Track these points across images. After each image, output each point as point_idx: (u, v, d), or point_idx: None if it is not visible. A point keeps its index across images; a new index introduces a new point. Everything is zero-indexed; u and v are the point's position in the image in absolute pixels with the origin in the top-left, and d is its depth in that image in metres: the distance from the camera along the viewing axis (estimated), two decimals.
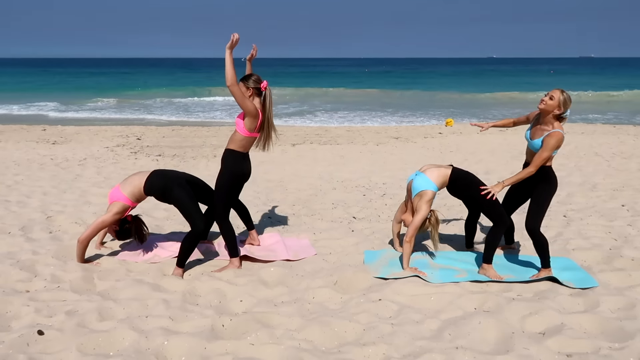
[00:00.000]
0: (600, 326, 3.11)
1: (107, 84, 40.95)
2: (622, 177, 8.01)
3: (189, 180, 4.28)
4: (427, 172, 4.04)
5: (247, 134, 4.07)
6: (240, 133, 4.08)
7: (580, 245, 4.66)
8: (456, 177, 4.05)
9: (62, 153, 10.53)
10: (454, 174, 4.06)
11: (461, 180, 4.06)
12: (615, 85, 34.92)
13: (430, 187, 3.97)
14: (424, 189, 3.97)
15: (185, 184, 4.16)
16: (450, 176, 4.05)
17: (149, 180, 4.14)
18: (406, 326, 3.11)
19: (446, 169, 4.09)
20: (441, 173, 4.04)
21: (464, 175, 4.08)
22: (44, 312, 3.26)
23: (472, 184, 4.05)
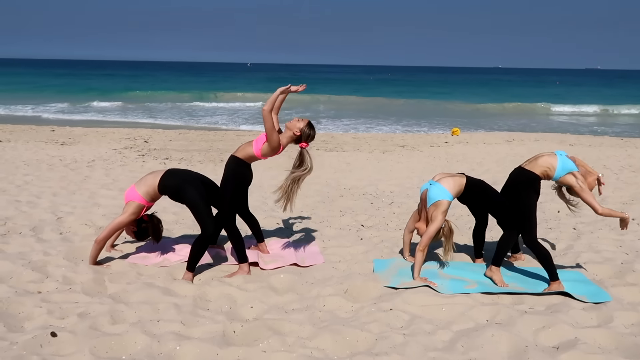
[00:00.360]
0: (614, 341, 3.09)
1: (112, 87, 41.13)
2: (631, 190, 7.98)
3: (203, 182, 4.27)
4: (442, 182, 4.04)
5: (259, 155, 4.08)
6: (254, 150, 4.07)
7: (592, 259, 4.63)
8: (471, 186, 4.05)
9: (71, 154, 10.58)
10: (469, 183, 4.06)
11: (476, 189, 4.06)
12: (621, 97, 34.91)
13: (446, 196, 3.96)
14: (440, 198, 3.96)
15: (199, 185, 4.16)
16: (466, 185, 4.04)
17: (163, 180, 4.14)
18: (418, 337, 3.10)
19: (460, 177, 4.09)
20: (456, 182, 4.03)
21: (478, 184, 4.08)
22: (57, 314, 3.26)
23: (487, 192, 4.05)
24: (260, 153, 4.05)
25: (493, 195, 4.06)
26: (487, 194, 4.05)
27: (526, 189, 3.98)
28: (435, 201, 3.97)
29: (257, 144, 4.07)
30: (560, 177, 3.95)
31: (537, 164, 4.01)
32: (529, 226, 3.95)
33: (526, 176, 3.98)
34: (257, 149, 4.05)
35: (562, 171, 3.92)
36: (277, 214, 6.17)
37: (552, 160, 3.95)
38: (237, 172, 4.13)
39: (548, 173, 3.96)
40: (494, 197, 4.05)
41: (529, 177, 3.97)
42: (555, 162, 3.94)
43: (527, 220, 3.95)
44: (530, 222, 3.94)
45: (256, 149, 4.06)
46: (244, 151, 4.13)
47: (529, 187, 3.97)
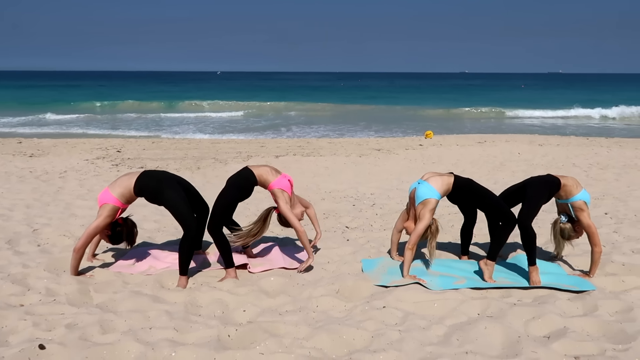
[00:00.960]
0: (601, 329, 3.19)
1: (74, 98, 40.06)
2: (600, 186, 8.26)
3: (180, 182, 4.22)
4: (430, 181, 4.09)
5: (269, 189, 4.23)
6: (271, 183, 4.20)
7: (571, 252, 4.77)
8: (460, 185, 4.12)
9: (41, 166, 10.27)
10: (457, 182, 4.12)
11: (465, 187, 4.13)
12: (584, 101, 36.13)
13: (433, 195, 4.02)
14: (427, 197, 4.01)
15: (177, 186, 4.11)
16: (454, 184, 4.11)
17: (139, 181, 4.05)
18: (413, 332, 3.13)
19: (448, 177, 4.15)
20: (444, 181, 4.10)
21: (466, 182, 4.15)
22: (43, 326, 3.15)
23: (476, 189, 4.12)
24: (272, 188, 4.20)
25: (483, 193, 4.12)
26: (476, 191, 4.12)
27: (544, 186, 4.18)
28: (423, 200, 4.02)
29: (280, 184, 4.19)
30: (576, 201, 4.16)
31: (566, 177, 4.27)
32: (531, 213, 4.09)
33: (550, 179, 4.23)
34: (277, 186, 4.18)
35: (582, 196, 4.17)
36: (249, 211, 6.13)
37: (578, 184, 4.24)
38: (246, 186, 4.22)
39: (571, 190, 4.18)
40: (484, 194, 4.12)
41: (551, 180, 4.21)
42: (581, 187, 4.23)
43: (531, 208, 4.10)
44: (533, 210, 4.11)
45: (276, 185, 4.19)
46: (264, 176, 4.23)
47: (548, 186, 4.19)
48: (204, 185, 8.42)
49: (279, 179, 4.22)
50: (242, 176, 4.24)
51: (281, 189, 4.17)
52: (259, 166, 4.31)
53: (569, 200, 4.21)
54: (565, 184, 4.21)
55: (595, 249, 4.11)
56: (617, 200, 7.20)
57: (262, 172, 4.24)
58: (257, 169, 4.27)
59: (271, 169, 4.28)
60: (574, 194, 4.19)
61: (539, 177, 4.31)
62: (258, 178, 4.23)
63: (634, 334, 3.04)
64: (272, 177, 4.22)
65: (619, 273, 4.16)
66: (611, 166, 10.38)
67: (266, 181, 4.22)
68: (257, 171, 4.24)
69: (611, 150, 12.89)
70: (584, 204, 4.17)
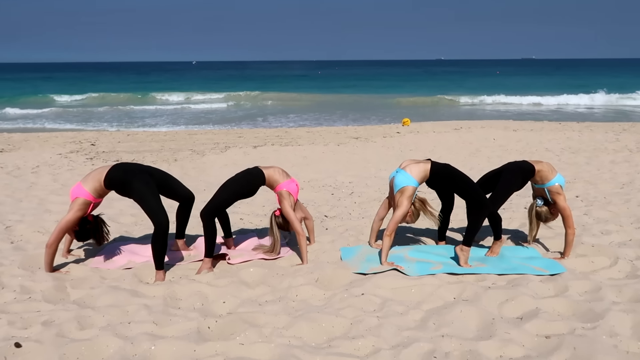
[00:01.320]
0: (571, 308, 3.29)
1: (47, 90, 39.03)
2: (572, 170, 8.46)
3: (153, 174, 4.18)
4: (407, 169, 4.14)
5: (275, 190, 4.32)
6: (279, 185, 4.29)
7: (544, 234, 4.89)
8: (436, 171, 4.17)
9: (12, 161, 10.03)
10: (434, 168, 4.17)
11: (442, 173, 4.17)
12: (557, 86, 36.76)
13: (410, 183, 4.07)
14: (404, 185, 4.07)
15: (147, 178, 4.06)
16: (431, 170, 4.16)
17: (109, 174, 4.01)
18: (391, 318, 3.18)
19: (425, 163, 4.20)
20: (421, 168, 4.14)
21: (443, 168, 4.20)
22: (18, 324, 3.11)
23: (452, 175, 4.17)
24: (279, 190, 4.26)
25: (459, 178, 4.17)
26: (453, 177, 4.17)
27: (518, 173, 4.27)
28: (400, 188, 4.08)
29: (287, 187, 4.26)
30: (552, 185, 4.26)
31: (541, 162, 4.35)
32: (499, 199, 4.22)
33: (525, 166, 4.30)
34: (284, 188, 4.25)
35: (558, 180, 4.28)
36: (240, 209, 6.13)
37: (553, 169, 4.35)
38: (253, 184, 4.29)
39: (547, 175, 4.27)
40: (460, 179, 4.17)
41: (526, 167, 4.29)
42: (556, 172, 4.33)
43: (500, 194, 4.23)
44: (501, 197, 4.24)
45: (284, 186, 4.26)
46: (273, 176, 4.29)
47: (522, 173, 4.28)
48: (182, 178, 8.34)
49: (288, 182, 4.30)
50: (252, 174, 4.30)
51: (288, 191, 4.25)
52: (269, 167, 4.36)
53: (545, 185, 4.31)
54: (541, 169, 4.31)
55: (569, 230, 4.23)
56: (588, 183, 7.40)
57: (271, 172, 4.31)
58: (267, 169, 4.33)
59: (282, 171, 4.36)
60: (549, 178, 4.29)
61: (516, 164, 4.39)
62: (267, 178, 4.29)
63: (601, 313, 3.16)
64: (282, 179, 4.29)
65: (589, 254, 4.30)
66: (582, 150, 10.64)
67: (275, 182, 4.29)
68: (267, 172, 4.31)
69: (582, 135, 13.20)
70: (559, 188, 4.28)
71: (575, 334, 2.93)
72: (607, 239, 4.72)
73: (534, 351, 2.81)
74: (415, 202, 4.17)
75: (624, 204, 6.01)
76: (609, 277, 3.86)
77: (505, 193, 4.27)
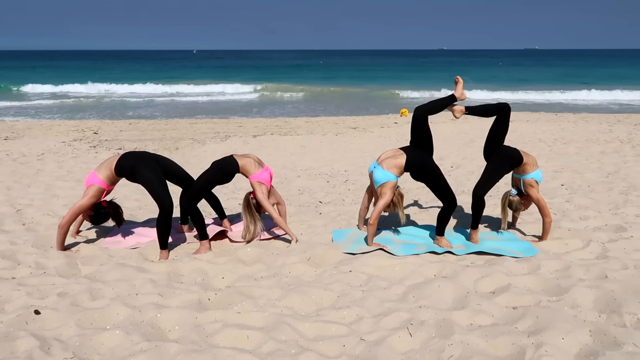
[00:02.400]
0: (540, 284, 3.60)
1: (52, 79, 39.20)
2: (562, 160, 8.74)
3: (159, 161, 4.48)
4: (384, 164, 4.33)
5: (250, 180, 4.56)
6: (252, 175, 4.53)
7: (525, 219, 5.19)
8: (409, 165, 4.35)
9: (17, 148, 10.31)
10: (408, 162, 4.33)
11: (415, 167, 4.38)
12: (559, 77, 36.78)
13: (390, 178, 4.29)
14: (385, 180, 4.29)
15: (154, 165, 4.37)
16: (405, 165, 4.34)
17: (120, 162, 4.34)
18: (375, 292, 3.49)
19: (401, 158, 4.34)
20: (397, 163, 4.32)
21: (417, 162, 4.36)
22: (36, 295, 3.42)
23: (426, 170, 4.37)
24: (252, 180, 4.52)
25: (431, 173, 4.37)
26: (426, 171, 4.37)
27: (507, 159, 4.50)
28: (381, 184, 4.31)
29: (259, 177, 4.51)
30: (529, 178, 4.52)
31: (528, 155, 4.58)
32: (487, 184, 4.45)
33: (515, 154, 4.52)
34: (256, 179, 4.50)
35: (535, 175, 4.54)
36: (239, 195, 6.42)
37: (536, 164, 4.60)
38: (228, 171, 4.55)
39: (527, 168, 4.52)
40: (432, 175, 4.37)
41: (516, 156, 4.51)
42: (537, 167, 4.59)
43: (488, 179, 4.46)
44: (489, 182, 4.47)
45: (256, 177, 4.51)
46: (246, 166, 4.55)
47: (510, 160, 4.50)
48: (183, 165, 8.62)
49: (260, 172, 4.55)
50: (227, 162, 4.58)
51: (259, 181, 4.51)
52: (244, 156, 4.62)
53: (522, 176, 4.57)
54: (526, 162, 4.54)
55: (545, 219, 4.52)
56: (575, 172, 7.68)
57: (245, 162, 4.56)
58: (242, 159, 4.59)
59: (255, 160, 4.60)
60: (528, 171, 4.55)
61: (507, 150, 4.54)
62: (241, 167, 4.56)
63: (567, 287, 3.46)
64: (255, 170, 4.55)
65: (564, 237, 4.59)
66: (574, 141, 10.90)
67: (248, 172, 4.55)
68: (241, 161, 4.57)
69: (577, 126, 13.44)
70: (534, 182, 4.53)
71: (540, 305, 3.23)
72: (583, 223, 5.02)
73: (501, 320, 3.12)
74: (396, 194, 4.38)
75: (606, 192, 6.30)
76: (580, 257, 4.16)
77: (492, 178, 4.49)
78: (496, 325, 3.03)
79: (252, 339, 2.89)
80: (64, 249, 4.32)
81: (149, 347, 2.77)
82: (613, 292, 3.36)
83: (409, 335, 2.92)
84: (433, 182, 4.38)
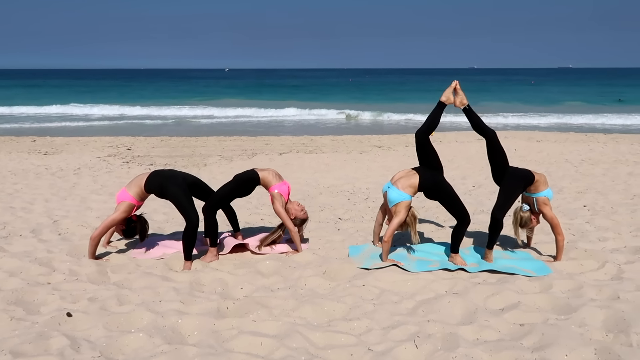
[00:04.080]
0: (550, 303, 3.65)
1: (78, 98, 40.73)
2: (587, 181, 8.66)
3: (185, 178, 4.76)
4: (398, 184, 4.47)
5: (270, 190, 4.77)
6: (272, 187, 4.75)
7: (542, 239, 5.22)
8: (423, 184, 4.48)
9: (56, 163, 10.87)
10: (421, 182, 4.47)
11: (429, 187, 4.50)
12: (589, 95, 36.04)
13: (404, 198, 4.41)
14: (399, 200, 4.41)
15: (181, 182, 4.65)
16: (419, 184, 4.47)
17: (149, 179, 4.64)
18: (386, 305, 3.62)
19: (414, 178, 4.47)
20: (410, 183, 4.46)
21: (430, 182, 4.48)
22: (68, 299, 3.69)
23: (439, 189, 4.49)
24: (272, 191, 4.74)
25: (444, 192, 4.48)
26: (439, 191, 4.49)
27: (521, 180, 4.57)
28: (395, 203, 4.44)
29: (279, 188, 4.73)
30: (542, 196, 4.58)
31: (539, 174, 4.66)
32: (505, 205, 4.51)
33: (527, 174, 4.60)
34: (276, 189, 4.72)
35: (547, 193, 4.60)
36: (261, 211, 6.65)
37: (546, 182, 4.66)
38: (248, 183, 4.80)
39: (539, 186, 4.59)
40: (445, 193, 4.48)
41: (528, 176, 4.59)
42: (547, 185, 4.65)
43: (505, 200, 4.52)
44: (507, 203, 4.53)
45: (276, 188, 4.72)
46: (267, 178, 4.78)
47: (524, 180, 4.57)
48: (210, 182, 8.93)
49: (280, 184, 4.79)
50: (247, 174, 4.84)
51: (279, 192, 4.75)
52: (264, 169, 4.88)
53: (534, 194, 4.63)
54: (538, 180, 4.62)
55: (559, 237, 4.56)
56: (599, 193, 7.61)
57: (265, 174, 4.82)
58: (262, 171, 4.84)
59: (275, 173, 4.86)
60: (540, 190, 4.61)
61: (519, 170, 4.64)
62: (262, 179, 4.81)
63: (576, 307, 3.51)
64: (275, 181, 4.79)
65: (579, 258, 4.61)
66: (602, 162, 10.76)
67: (268, 183, 4.79)
68: (261, 173, 4.83)
69: (606, 146, 13.23)
70: (547, 199, 4.60)
71: (547, 323, 3.29)
72: (601, 245, 5.02)
73: (507, 336, 3.20)
74: (409, 215, 4.48)
75: (629, 214, 6.24)
76: (594, 278, 4.18)
77: (510, 198, 4.55)
78: (502, 341, 3.11)
79: (265, 345, 3.07)
80: (95, 258, 4.60)
81: (169, 350, 2.98)
82: (623, 312, 3.39)
83: (415, 347, 3.03)
84: (446, 199, 4.49)
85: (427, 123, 4.68)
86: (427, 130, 4.66)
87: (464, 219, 4.47)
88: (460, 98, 4.74)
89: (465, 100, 4.74)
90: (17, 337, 3.09)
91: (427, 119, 4.72)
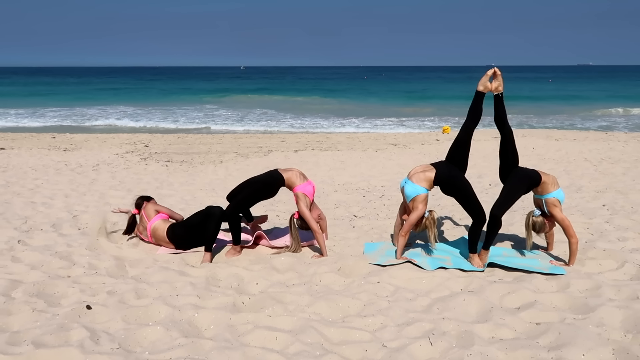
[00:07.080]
0: (568, 302, 3.61)
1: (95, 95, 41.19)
2: (606, 180, 8.51)
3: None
4: (414, 179, 4.46)
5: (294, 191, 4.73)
6: (297, 187, 4.71)
7: (560, 238, 5.13)
8: (439, 179, 4.46)
9: (75, 159, 11.05)
10: (437, 176, 4.45)
11: (444, 181, 4.48)
12: (608, 96, 35.38)
13: (420, 191, 4.40)
14: (416, 194, 4.40)
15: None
16: (434, 178, 4.45)
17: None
18: (401, 302, 3.61)
19: (430, 172, 4.46)
20: (427, 177, 4.44)
21: (447, 177, 4.46)
22: (88, 292, 3.76)
23: (455, 184, 4.46)
24: (296, 191, 4.70)
25: (460, 188, 4.44)
26: (454, 186, 4.45)
27: (525, 180, 4.49)
28: (412, 198, 4.43)
29: (304, 189, 4.69)
30: (551, 197, 4.45)
31: (547, 175, 4.55)
32: (505, 204, 4.43)
33: (533, 174, 4.50)
34: (300, 190, 4.68)
35: (557, 194, 4.46)
36: (277, 207, 6.68)
37: (556, 183, 4.54)
38: (273, 185, 4.77)
39: (547, 187, 4.47)
40: (461, 189, 4.44)
41: (533, 176, 4.49)
42: (557, 186, 4.52)
43: (506, 200, 4.44)
44: (507, 201, 4.44)
45: (301, 189, 4.69)
46: (291, 179, 4.75)
47: (528, 181, 4.48)
48: (226, 178, 9.02)
49: (304, 184, 4.75)
50: (272, 176, 4.80)
51: (304, 193, 4.71)
52: (288, 169, 4.84)
53: (543, 196, 4.52)
54: (545, 181, 4.49)
55: (571, 240, 4.40)
56: (619, 193, 7.48)
57: (290, 175, 4.78)
58: (286, 172, 4.81)
59: (300, 173, 4.82)
60: (549, 191, 4.48)
61: (524, 171, 4.56)
62: (286, 180, 4.77)
63: (594, 306, 3.46)
64: (299, 182, 4.75)
65: (598, 257, 4.54)
66: (623, 160, 10.56)
67: (293, 184, 4.75)
68: (286, 174, 4.79)
69: (627, 145, 12.99)
70: (557, 201, 4.45)
71: (564, 322, 3.26)
72: (621, 245, 4.93)
73: (523, 334, 3.18)
74: (428, 216, 4.46)
75: None
76: (613, 278, 4.11)
77: (511, 198, 4.46)
78: (517, 340, 3.09)
79: (280, 340, 3.09)
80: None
81: (186, 343, 3.02)
82: None
83: (429, 344, 3.03)
84: (462, 196, 4.46)
85: (470, 116, 4.59)
86: (472, 123, 4.57)
87: (480, 217, 4.43)
88: (497, 83, 4.60)
89: (502, 87, 4.63)
90: (39, 328, 3.16)
91: (469, 112, 4.62)
